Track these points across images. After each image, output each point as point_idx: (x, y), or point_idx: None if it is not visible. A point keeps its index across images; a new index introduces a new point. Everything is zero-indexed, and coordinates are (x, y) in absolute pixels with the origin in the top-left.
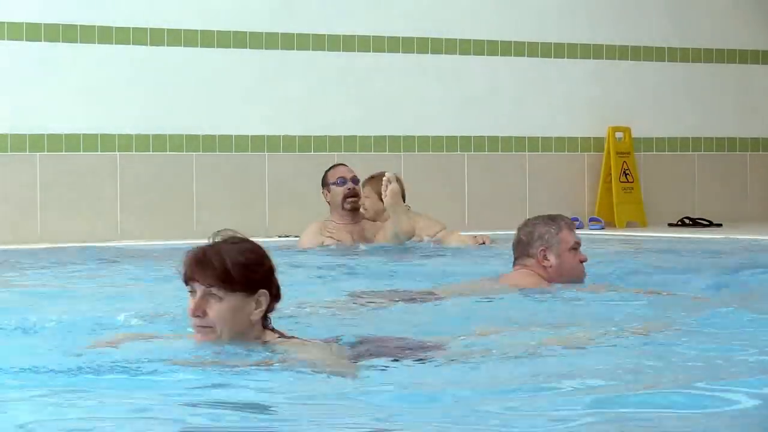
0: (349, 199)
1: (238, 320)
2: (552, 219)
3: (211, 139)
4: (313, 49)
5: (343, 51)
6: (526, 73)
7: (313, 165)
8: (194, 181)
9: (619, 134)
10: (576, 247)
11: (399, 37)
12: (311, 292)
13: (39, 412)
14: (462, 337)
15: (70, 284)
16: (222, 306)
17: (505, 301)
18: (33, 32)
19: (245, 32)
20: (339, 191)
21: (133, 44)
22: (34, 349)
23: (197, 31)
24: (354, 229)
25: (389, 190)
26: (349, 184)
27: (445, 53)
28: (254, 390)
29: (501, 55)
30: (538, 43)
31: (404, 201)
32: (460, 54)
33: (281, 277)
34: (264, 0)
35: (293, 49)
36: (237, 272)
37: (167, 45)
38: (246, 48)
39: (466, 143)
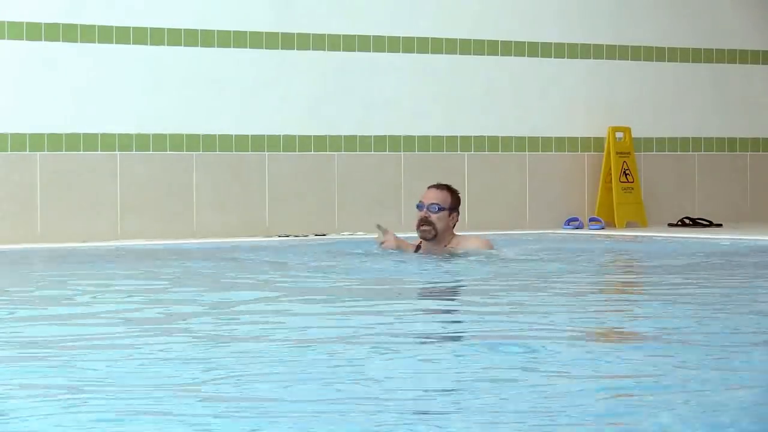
0: (422, 227)
1: None
2: None
3: (211, 138)
4: (313, 49)
5: (343, 51)
6: (526, 73)
7: (313, 165)
8: (194, 181)
9: (619, 134)
10: None
11: (399, 37)
12: None
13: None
14: None
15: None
16: None
17: None
18: (33, 32)
19: (245, 32)
20: (416, 215)
21: (133, 44)
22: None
23: (197, 31)
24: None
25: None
26: (424, 212)
27: (445, 53)
28: None
29: (501, 55)
30: (538, 43)
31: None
32: (460, 54)
33: None
34: (264, 0)
35: (293, 49)
36: None
37: (167, 45)
38: (246, 48)
39: (466, 143)
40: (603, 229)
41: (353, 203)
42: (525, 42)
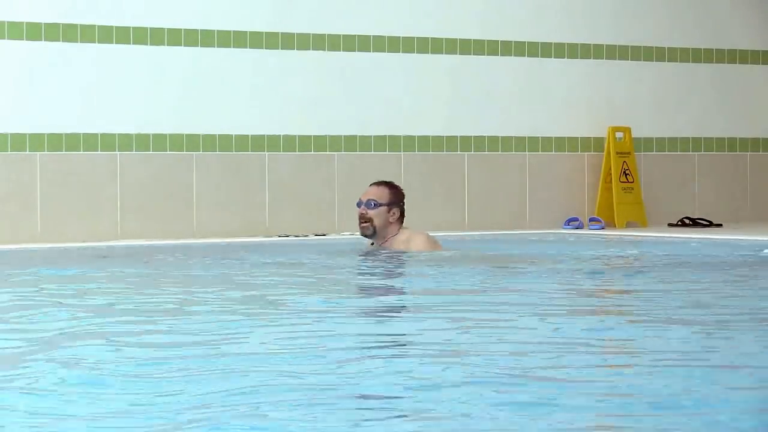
0: (361, 224)
1: None
2: None
3: (211, 138)
4: (313, 49)
5: (343, 51)
6: (526, 73)
7: (313, 165)
8: (194, 181)
9: (619, 134)
10: None
11: (399, 37)
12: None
13: None
14: None
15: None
16: None
17: None
18: (33, 32)
19: (245, 32)
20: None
21: (133, 44)
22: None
23: (197, 30)
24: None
25: None
26: (362, 208)
27: (445, 53)
28: None
29: (501, 55)
30: (538, 43)
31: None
32: (460, 54)
33: None
34: (264, 0)
35: (293, 49)
36: None
37: (167, 45)
38: (246, 48)
39: (466, 143)
40: (603, 229)
41: (353, 203)
42: (525, 42)
